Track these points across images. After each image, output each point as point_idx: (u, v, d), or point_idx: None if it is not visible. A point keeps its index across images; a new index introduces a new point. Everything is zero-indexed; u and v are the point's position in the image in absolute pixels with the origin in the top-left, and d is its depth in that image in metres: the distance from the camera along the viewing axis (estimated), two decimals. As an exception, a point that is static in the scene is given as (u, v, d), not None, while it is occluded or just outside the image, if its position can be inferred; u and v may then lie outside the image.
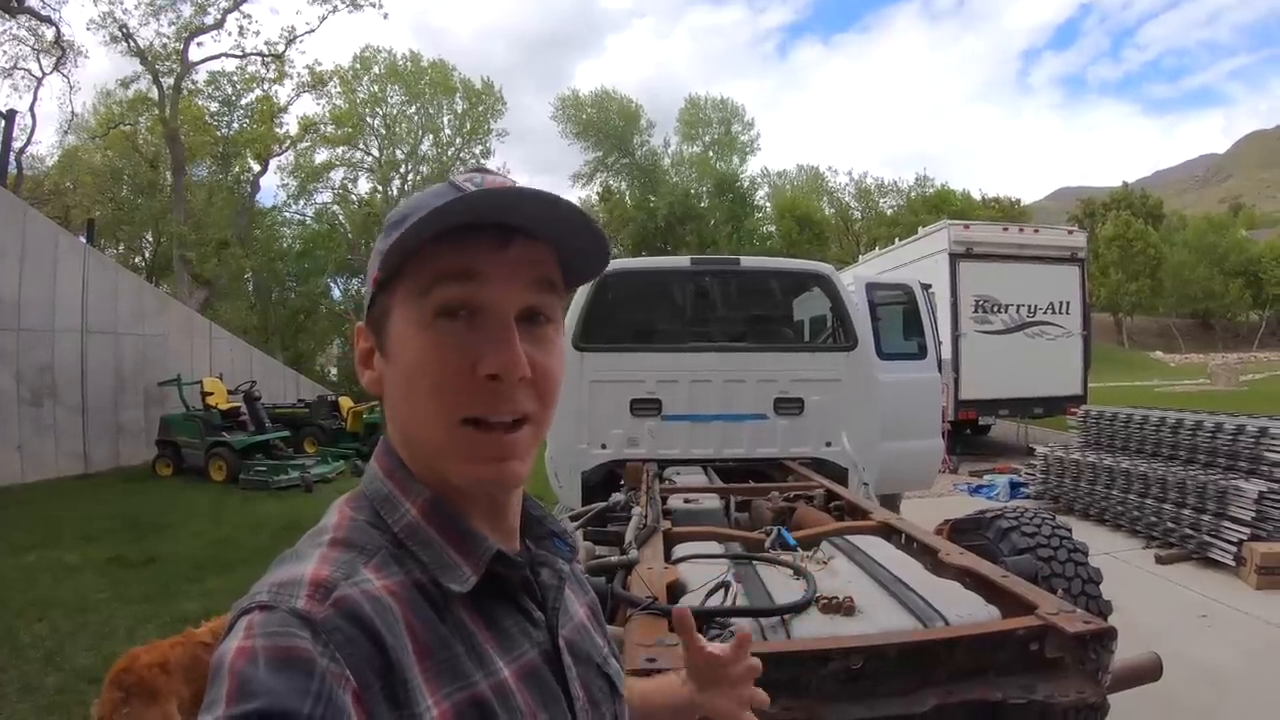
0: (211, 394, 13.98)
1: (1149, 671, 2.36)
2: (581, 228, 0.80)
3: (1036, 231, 15.86)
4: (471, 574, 0.76)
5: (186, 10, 26.26)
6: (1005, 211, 51.64)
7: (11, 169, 18.59)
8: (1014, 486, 10.70)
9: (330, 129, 34.33)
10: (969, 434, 15.54)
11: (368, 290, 0.82)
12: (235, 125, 31.51)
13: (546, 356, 0.79)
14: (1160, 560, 7.15)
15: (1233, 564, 6.64)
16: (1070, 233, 16.26)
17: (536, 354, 0.77)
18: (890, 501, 6.40)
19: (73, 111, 31.30)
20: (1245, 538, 6.60)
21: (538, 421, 0.80)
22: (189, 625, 3.99)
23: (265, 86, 30.40)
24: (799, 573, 2.40)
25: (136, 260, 39.03)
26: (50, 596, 6.46)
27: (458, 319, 0.76)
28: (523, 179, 0.82)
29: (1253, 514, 6.64)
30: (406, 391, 0.78)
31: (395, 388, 0.79)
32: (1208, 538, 6.94)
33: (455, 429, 0.76)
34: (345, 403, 16.80)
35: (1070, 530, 3.50)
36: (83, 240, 16.12)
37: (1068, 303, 14.86)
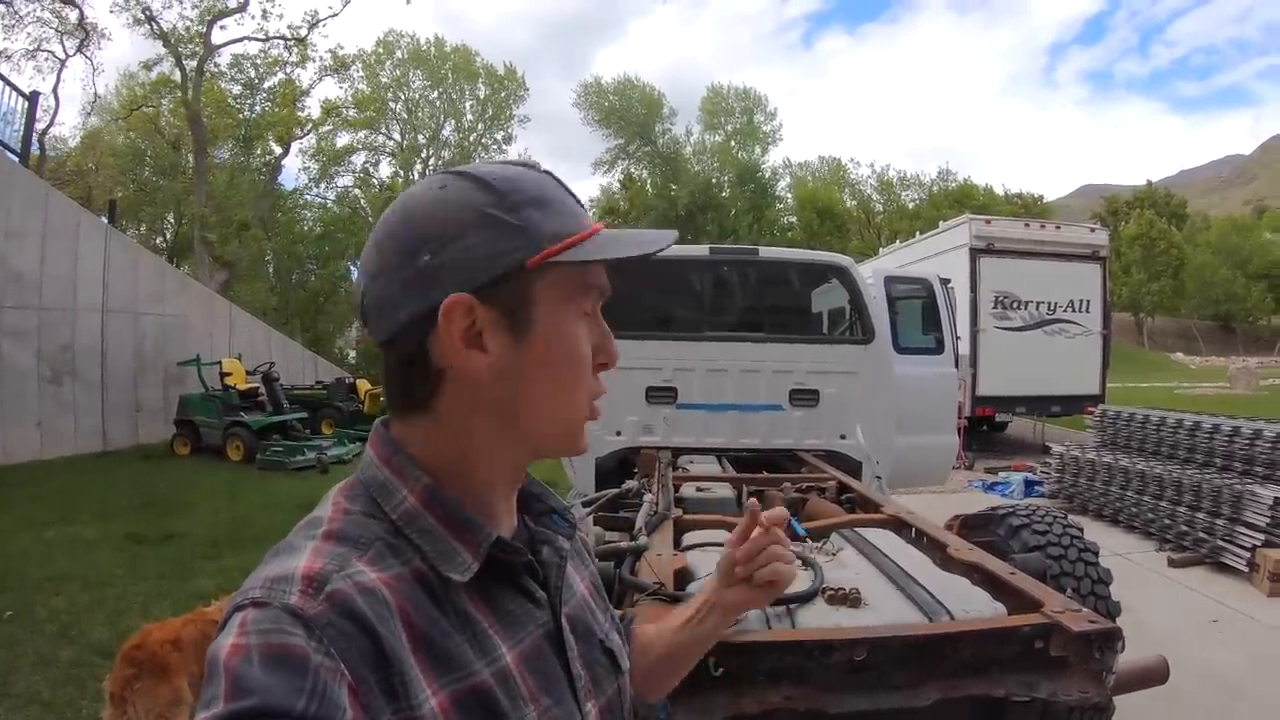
0: (230, 374, 14.11)
1: (1156, 674, 2.35)
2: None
3: (1058, 228, 15.78)
4: (472, 561, 0.77)
5: (210, -7, 26.37)
6: (1028, 208, 51.12)
7: (34, 150, 18.66)
8: (1029, 484, 10.65)
9: (352, 113, 34.45)
10: (985, 431, 15.50)
11: (493, 264, 0.77)
12: (257, 108, 31.67)
13: None
14: (1173, 563, 7.11)
15: (1245, 570, 6.58)
16: (1092, 230, 16.10)
17: None
18: None
19: (95, 93, 31.46)
20: (1259, 544, 6.54)
21: None
22: (202, 602, 4.04)
23: (288, 70, 30.51)
24: (807, 563, 2.40)
25: (158, 241, 39.24)
26: (67, 571, 6.54)
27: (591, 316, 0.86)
28: (543, 165, 0.86)
29: (1267, 520, 6.57)
30: (558, 375, 0.82)
31: (535, 369, 0.80)
32: (1221, 542, 6.89)
33: (588, 406, 0.86)
34: (363, 385, 16.93)
35: (1082, 530, 3.48)
36: (104, 220, 16.23)
37: (1088, 301, 14.77)
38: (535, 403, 0.81)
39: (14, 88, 14.62)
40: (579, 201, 0.85)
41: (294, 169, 62.33)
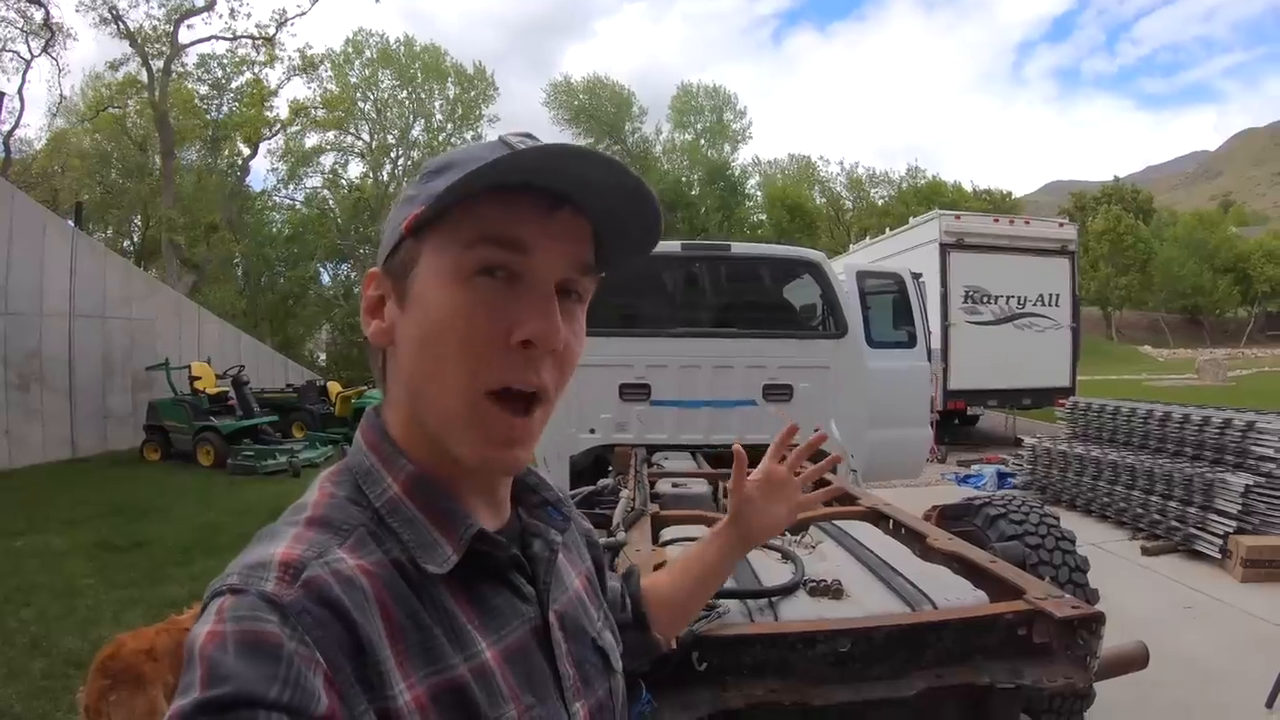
0: (199, 378, 13.93)
1: (1135, 659, 2.36)
2: (637, 197, 0.77)
3: (1027, 223, 15.92)
4: (452, 553, 0.74)
5: (177, -9, 26.08)
6: (997, 204, 51.51)
7: (-1, 152, 18.42)
8: (1001, 476, 10.70)
9: (321, 113, 34.15)
10: (957, 424, 15.61)
11: (392, 235, 0.77)
12: (225, 108, 31.35)
13: (574, 333, 0.77)
14: (1146, 552, 7.19)
15: (1218, 556, 6.67)
16: (1060, 225, 16.25)
17: (565, 329, 0.75)
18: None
19: (61, 94, 31.19)
20: (1231, 530, 6.63)
21: (549, 400, 0.77)
22: (175, 610, 3.98)
23: (256, 70, 30.20)
24: (787, 556, 2.39)
25: (125, 244, 38.61)
26: (37, 581, 6.43)
27: (496, 279, 0.73)
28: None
29: (1239, 507, 6.67)
30: (427, 346, 0.74)
31: (412, 340, 0.75)
32: (1194, 530, 6.97)
33: (478, 401, 0.73)
34: (334, 388, 16.80)
35: (1058, 519, 3.51)
36: (71, 224, 16.00)
37: (1057, 295, 14.94)
38: (417, 377, 0.76)
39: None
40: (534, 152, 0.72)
41: (262, 170, 61.89)
